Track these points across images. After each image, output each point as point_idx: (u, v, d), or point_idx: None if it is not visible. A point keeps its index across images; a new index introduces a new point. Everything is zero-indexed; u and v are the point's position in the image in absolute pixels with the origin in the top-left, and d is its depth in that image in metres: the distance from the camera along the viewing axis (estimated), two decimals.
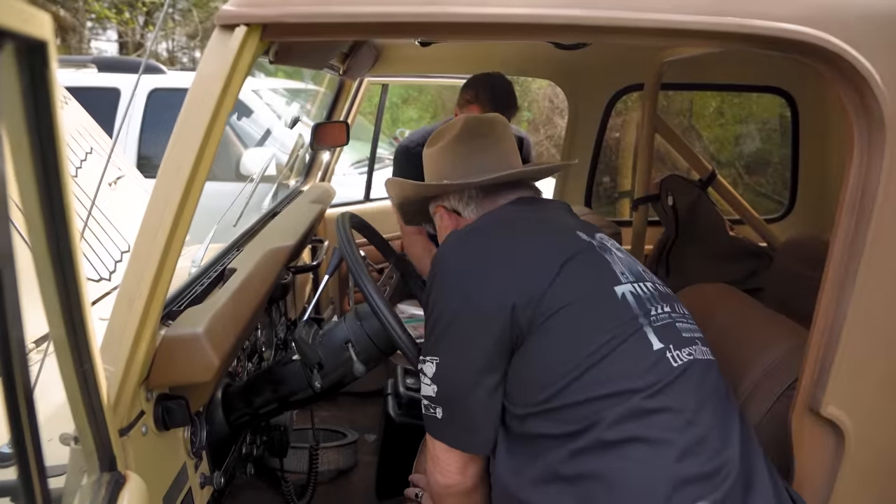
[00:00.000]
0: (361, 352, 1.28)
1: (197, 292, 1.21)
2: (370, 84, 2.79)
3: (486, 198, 1.25)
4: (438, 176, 1.31)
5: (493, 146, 1.29)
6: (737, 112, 9.71)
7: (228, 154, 4.15)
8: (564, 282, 1.05)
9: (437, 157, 1.33)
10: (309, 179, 2.65)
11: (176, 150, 0.84)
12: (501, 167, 1.26)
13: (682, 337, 1.09)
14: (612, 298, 1.07)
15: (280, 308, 1.97)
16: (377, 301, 1.17)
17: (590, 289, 1.07)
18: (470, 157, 1.28)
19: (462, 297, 1.08)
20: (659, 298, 1.13)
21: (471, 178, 1.24)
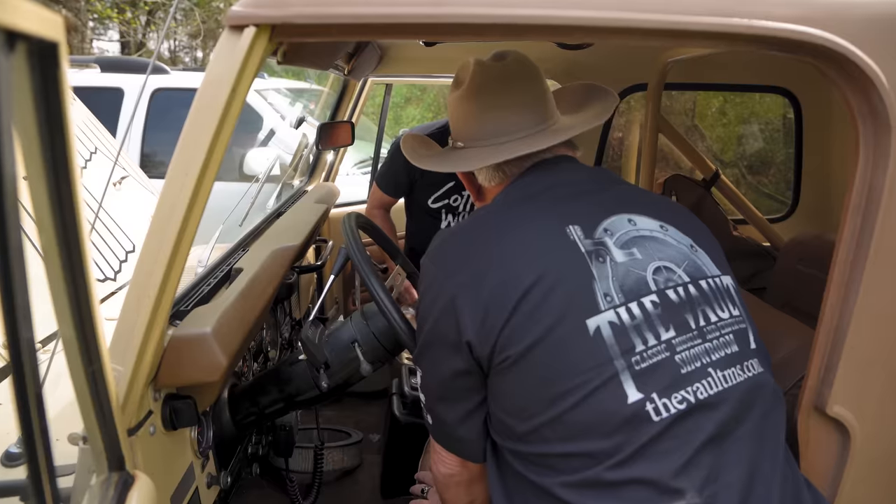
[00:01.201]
0: (368, 351, 1.29)
1: (204, 292, 1.21)
2: (374, 84, 2.79)
3: (499, 167, 1.12)
4: (453, 129, 1.20)
5: (510, 103, 1.12)
6: (739, 112, 9.71)
7: (232, 154, 4.16)
8: (521, 320, 0.91)
9: (454, 109, 1.18)
10: (313, 179, 2.66)
11: (185, 153, 0.85)
12: (521, 127, 1.10)
13: (681, 375, 0.90)
14: (580, 336, 0.90)
15: (285, 308, 1.98)
16: (384, 300, 1.17)
17: (551, 324, 0.90)
18: (482, 118, 1.12)
19: (432, 321, 1.01)
20: (667, 317, 0.93)
21: (478, 143, 1.12)
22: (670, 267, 0.98)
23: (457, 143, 1.18)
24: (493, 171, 1.13)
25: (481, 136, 1.13)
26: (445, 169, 1.18)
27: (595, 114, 1.18)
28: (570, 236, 0.97)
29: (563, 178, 1.09)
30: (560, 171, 1.10)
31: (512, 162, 1.11)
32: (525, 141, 1.10)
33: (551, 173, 1.10)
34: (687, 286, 0.98)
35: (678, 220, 1.06)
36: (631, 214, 1.02)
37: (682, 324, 0.94)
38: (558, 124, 1.15)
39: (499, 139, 1.11)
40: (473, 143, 1.14)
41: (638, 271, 0.96)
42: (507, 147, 1.10)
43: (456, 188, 2.50)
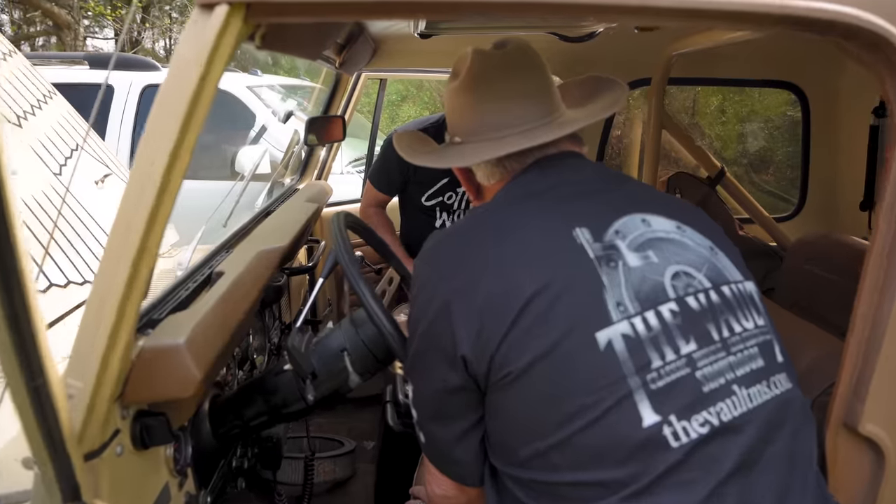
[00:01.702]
0: (357, 361, 1.20)
1: (182, 297, 1.12)
2: (368, 79, 2.70)
3: (499, 163, 1.03)
4: (450, 124, 1.11)
5: (512, 93, 1.03)
6: (738, 110, 9.65)
7: (223, 151, 4.07)
8: (521, 334, 0.82)
9: (450, 101, 1.10)
10: (305, 177, 2.57)
11: (150, 143, 0.76)
12: (523, 120, 1.01)
13: (703, 394, 0.81)
14: (589, 351, 0.81)
15: (274, 312, 1.89)
16: (373, 306, 1.08)
17: (557, 339, 0.81)
18: (481, 110, 1.03)
19: (425, 325, 0.92)
20: (687, 328, 0.84)
21: (476, 137, 1.03)
22: (690, 272, 0.89)
23: (454, 139, 1.09)
24: (492, 167, 1.04)
25: (480, 130, 1.04)
26: (441, 165, 1.09)
27: (604, 106, 1.09)
28: (577, 240, 0.88)
29: (568, 175, 1.00)
30: (565, 167, 1.01)
31: (513, 157, 1.02)
32: (527, 134, 1.01)
33: (556, 170, 1.01)
34: (708, 293, 0.89)
35: (694, 220, 0.98)
36: (644, 214, 0.94)
37: (704, 335, 0.85)
38: (564, 117, 1.06)
39: (499, 133, 1.02)
40: (472, 138, 1.06)
41: (654, 277, 0.87)
42: (508, 141, 1.01)
43: (450, 185, 2.41)
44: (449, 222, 2.49)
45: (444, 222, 2.49)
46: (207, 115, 0.82)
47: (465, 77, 1.05)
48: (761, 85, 3.04)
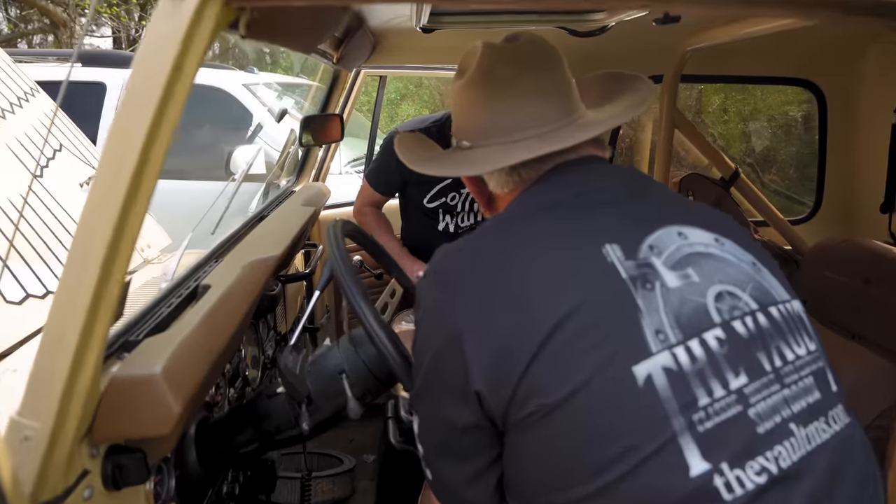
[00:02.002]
0: (357, 383, 1.10)
1: (162, 315, 1.01)
2: (367, 76, 2.59)
3: (513, 170, 0.92)
4: (457, 125, 1.00)
5: (526, 91, 0.92)
6: (741, 108, 9.56)
7: (218, 151, 3.96)
8: (546, 368, 0.72)
9: (457, 100, 0.99)
10: (301, 179, 2.46)
11: (117, 144, 0.65)
12: (540, 121, 0.90)
13: (758, 436, 0.71)
14: (626, 388, 0.70)
15: (268, 322, 1.78)
16: (375, 327, 0.98)
17: (588, 374, 0.71)
18: (492, 111, 0.93)
19: (433, 357, 0.82)
20: (736, 358, 0.74)
21: (487, 140, 0.93)
22: (734, 291, 0.79)
23: (461, 142, 0.98)
24: (505, 175, 0.93)
25: (491, 133, 0.93)
26: (448, 173, 0.99)
27: (629, 105, 0.98)
28: (607, 258, 0.77)
29: (593, 183, 0.89)
30: (590, 174, 0.90)
31: (529, 164, 0.90)
32: (545, 137, 0.90)
33: (578, 177, 0.89)
34: (756, 315, 0.78)
35: (732, 232, 0.87)
36: (680, 226, 0.83)
37: (755, 366, 0.74)
38: (584, 118, 0.95)
39: (512, 136, 0.91)
40: (481, 142, 0.95)
41: (696, 298, 0.76)
42: (524, 145, 0.90)
43: (453, 186, 2.30)
44: (452, 225, 2.38)
45: (446, 225, 2.38)
46: (200, 113, 0.71)
47: (475, 73, 0.95)
48: (776, 82, 2.94)
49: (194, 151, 4.16)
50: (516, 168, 0.91)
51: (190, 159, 4.12)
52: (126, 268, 0.71)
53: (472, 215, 2.38)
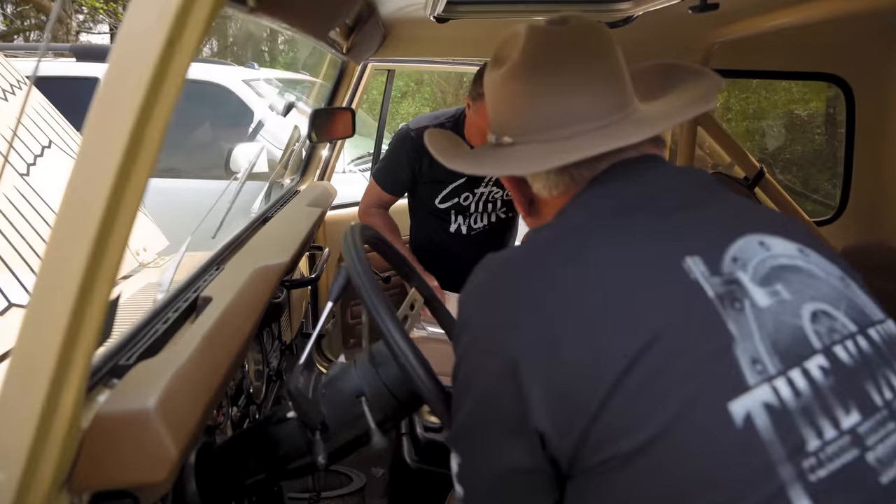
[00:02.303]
0: (378, 408, 0.98)
1: (157, 334, 0.89)
2: (374, 70, 2.47)
3: (564, 170, 0.80)
4: (496, 119, 0.88)
5: (579, 80, 0.80)
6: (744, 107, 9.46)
7: (218, 149, 3.84)
8: (626, 404, 0.61)
9: (495, 93, 0.87)
10: (306, 178, 2.34)
11: (95, 141, 0.53)
12: (594, 115, 0.78)
13: (880, 487, 0.59)
14: (722, 428, 0.59)
15: (272, 331, 1.66)
16: (401, 345, 0.85)
17: (676, 411, 0.60)
18: (540, 103, 0.80)
19: (479, 394, 0.70)
20: (843, 390, 0.62)
21: (533, 136, 0.80)
22: (829, 311, 0.66)
23: (502, 139, 0.86)
24: (555, 175, 0.81)
25: (538, 128, 0.81)
26: (490, 172, 0.86)
27: (692, 99, 0.85)
28: (689, 273, 0.65)
29: (660, 184, 0.76)
30: (656, 174, 0.78)
31: (583, 163, 0.78)
32: (603, 133, 0.77)
33: (642, 178, 0.77)
34: (856, 339, 0.66)
35: (813, 242, 0.75)
36: (761, 235, 0.71)
37: (865, 400, 0.62)
38: (639, 113, 0.83)
39: (562, 131, 0.79)
40: (526, 138, 0.82)
41: (791, 320, 0.64)
42: (582, 142, 0.77)
43: (467, 185, 2.17)
44: (465, 227, 2.25)
45: (458, 227, 2.26)
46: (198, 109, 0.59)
47: (519, 61, 0.82)
48: (802, 77, 2.82)
49: (192, 149, 4.03)
50: (567, 168, 0.79)
51: (188, 157, 3.99)
52: (113, 279, 0.59)
53: (485, 216, 2.26)
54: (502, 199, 2.23)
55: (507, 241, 2.39)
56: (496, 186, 2.19)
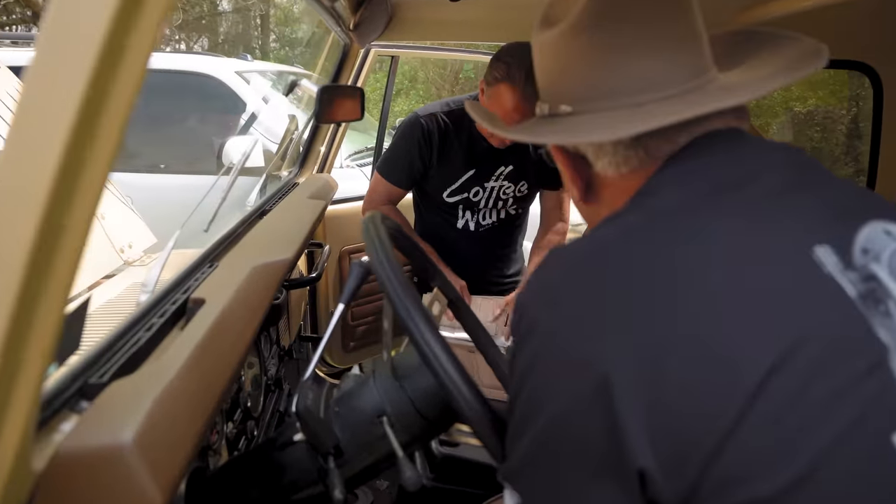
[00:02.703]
0: (402, 428, 0.83)
1: (139, 345, 0.73)
2: (378, 55, 2.32)
3: (637, 143, 0.66)
4: (550, 87, 0.74)
5: (653, 37, 0.66)
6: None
7: (209, 143, 3.67)
8: (757, 437, 0.47)
9: (547, 55, 0.73)
10: (305, 170, 2.18)
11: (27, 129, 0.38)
12: (670, 79, 0.65)
13: None
14: (885, 468, 0.47)
15: (270, 336, 1.50)
16: (441, 358, 0.69)
17: (824, 445, 0.46)
18: (606, 64, 0.67)
19: (554, 420, 0.55)
20: None
21: (598, 104, 0.67)
22: None
23: (557, 108, 0.71)
24: (627, 149, 0.66)
25: (603, 94, 0.67)
26: (552, 140, 0.72)
27: (781, 67, 0.71)
28: (822, 267, 0.52)
29: (763, 161, 0.62)
30: (752, 149, 0.64)
31: (658, 135, 0.64)
32: (685, 100, 0.64)
33: (740, 154, 0.63)
34: None
35: None
36: (885, 222, 0.57)
37: None
38: (719, 80, 0.69)
39: (633, 98, 0.66)
40: (588, 106, 0.68)
41: None
42: (658, 108, 0.63)
43: (477, 178, 2.01)
44: (472, 223, 2.10)
45: (466, 222, 2.10)
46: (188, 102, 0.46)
47: (579, 18, 0.68)
48: (828, 66, 2.69)
49: (183, 143, 3.86)
50: (642, 140, 0.65)
51: (178, 152, 3.82)
52: (70, 281, 0.44)
53: (494, 213, 2.11)
54: (514, 195, 2.08)
55: (516, 239, 2.24)
56: (508, 181, 2.04)
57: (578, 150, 0.71)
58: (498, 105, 1.76)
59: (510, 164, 2.00)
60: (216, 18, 13.77)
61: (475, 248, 2.11)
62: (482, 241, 2.11)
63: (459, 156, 1.98)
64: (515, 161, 2.00)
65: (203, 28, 13.77)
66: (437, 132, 1.95)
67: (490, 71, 1.77)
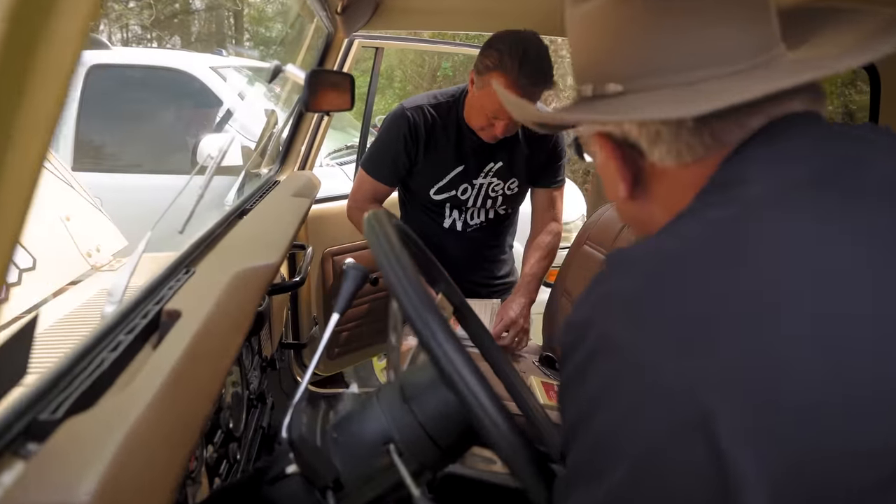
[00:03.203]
0: (411, 456, 0.72)
1: (103, 369, 0.61)
2: (361, 46, 2.20)
3: (702, 127, 0.56)
4: (593, 66, 0.63)
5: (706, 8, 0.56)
6: None
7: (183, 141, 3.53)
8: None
9: (586, 29, 0.63)
10: (286, 168, 2.06)
11: None
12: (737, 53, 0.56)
13: None
14: None
15: (252, 346, 1.39)
16: (466, 377, 0.58)
17: None
18: (654, 38, 0.58)
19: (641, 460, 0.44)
20: None
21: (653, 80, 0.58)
22: None
23: (604, 88, 0.61)
24: (690, 135, 0.56)
25: (655, 70, 0.57)
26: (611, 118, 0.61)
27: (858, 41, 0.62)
28: None
29: (860, 147, 0.53)
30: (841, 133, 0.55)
31: (726, 118, 0.55)
32: (758, 76, 0.55)
33: (831, 138, 0.54)
34: None
35: None
36: None
37: None
38: (787, 56, 0.60)
39: (695, 73, 0.56)
40: (641, 83, 0.58)
41: None
42: (737, 81, 0.54)
43: (466, 175, 1.91)
44: (460, 222, 2.00)
45: (453, 222, 2.00)
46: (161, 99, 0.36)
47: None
48: None
49: (155, 141, 3.71)
50: (709, 123, 0.55)
51: (150, 150, 3.67)
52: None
53: (482, 212, 2.00)
54: (503, 193, 1.98)
55: (505, 239, 2.15)
56: (497, 177, 1.94)
57: (628, 137, 0.61)
58: (489, 95, 1.65)
59: (500, 161, 1.90)
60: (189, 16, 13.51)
61: (463, 248, 2.01)
62: (470, 241, 2.01)
63: (448, 150, 1.88)
64: (505, 157, 1.90)
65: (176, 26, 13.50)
66: (424, 125, 1.84)
67: (481, 59, 1.67)
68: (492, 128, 1.73)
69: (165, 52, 3.91)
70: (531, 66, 1.59)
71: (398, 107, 1.87)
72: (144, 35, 12.89)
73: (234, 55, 4.58)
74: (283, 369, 2.26)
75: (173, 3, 13.04)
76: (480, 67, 1.67)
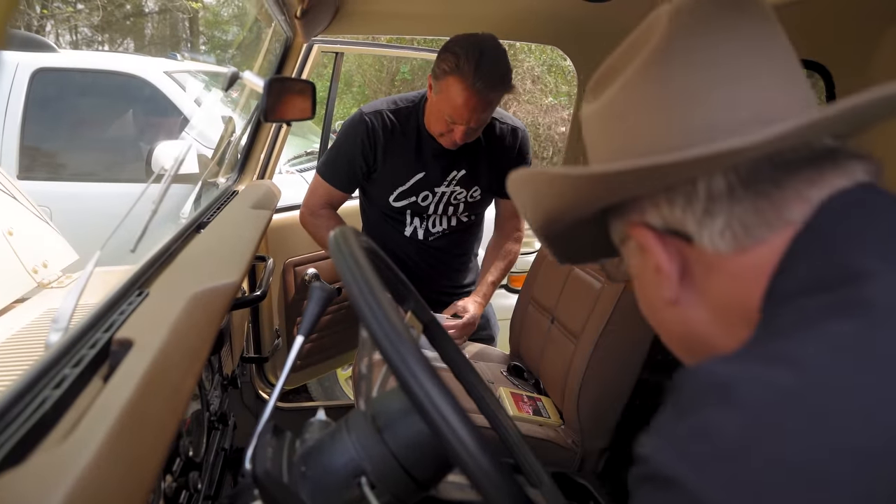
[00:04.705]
0: (384, 488, 0.68)
1: (45, 409, 0.56)
2: (321, 51, 2.15)
3: (760, 194, 0.49)
4: (622, 150, 0.55)
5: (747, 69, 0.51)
6: None
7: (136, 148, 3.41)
8: None
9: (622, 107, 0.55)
10: (244, 177, 1.99)
11: None
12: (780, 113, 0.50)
13: None
14: None
15: (213, 365, 1.33)
16: (445, 413, 0.54)
17: None
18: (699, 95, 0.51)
19: None
20: None
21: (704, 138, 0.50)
22: None
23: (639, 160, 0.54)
24: (747, 212, 0.49)
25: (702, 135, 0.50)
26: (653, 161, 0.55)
27: None
28: None
29: None
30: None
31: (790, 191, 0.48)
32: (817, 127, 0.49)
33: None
34: None
35: None
36: None
37: None
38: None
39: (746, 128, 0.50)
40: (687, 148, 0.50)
41: None
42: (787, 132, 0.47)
43: (427, 182, 1.87)
44: (421, 230, 1.96)
45: (414, 230, 1.96)
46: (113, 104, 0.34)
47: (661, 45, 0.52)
48: None
49: (107, 149, 3.58)
50: (770, 197, 0.49)
51: (102, 158, 3.54)
52: None
53: (444, 220, 1.97)
54: (465, 201, 1.95)
55: (470, 247, 2.11)
56: (460, 186, 1.91)
57: (670, 224, 0.52)
58: (446, 100, 1.62)
59: (463, 169, 1.87)
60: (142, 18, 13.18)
61: (425, 257, 1.97)
62: (433, 249, 1.98)
63: (408, 156, 1.84)
64: (468, 165, 1.87)
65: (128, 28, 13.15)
66: (383, 130, 1.81)
67: (438, 64, 1.64)
68: (451, 133, 1.70)
69: (117, 56, 3.78)
70: (488, 69, 1.57)
71: (357, 112, 1.83)
72: (94, 37, 12.52)
73: (189, 59, 4.45)
74: (245, 384, 2.18)
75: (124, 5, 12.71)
76: (437, 72, 1.64)
